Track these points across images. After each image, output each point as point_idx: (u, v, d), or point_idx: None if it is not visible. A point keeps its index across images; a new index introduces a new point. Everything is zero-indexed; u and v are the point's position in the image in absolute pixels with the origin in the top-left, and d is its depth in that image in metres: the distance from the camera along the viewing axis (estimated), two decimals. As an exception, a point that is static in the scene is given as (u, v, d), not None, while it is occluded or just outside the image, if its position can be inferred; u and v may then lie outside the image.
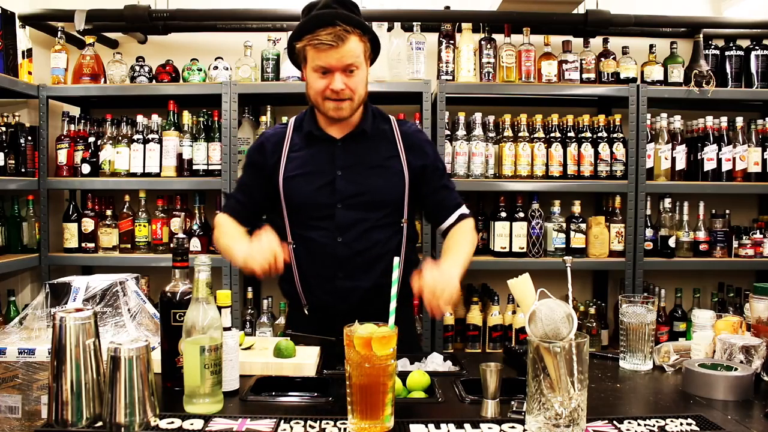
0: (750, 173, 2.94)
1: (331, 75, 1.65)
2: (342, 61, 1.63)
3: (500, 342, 2.86)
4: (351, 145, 1.78)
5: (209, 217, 3.01)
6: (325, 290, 1.78)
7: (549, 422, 1.09)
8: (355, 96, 1.69)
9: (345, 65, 1.64)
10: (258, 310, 2.98)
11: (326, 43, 1.60)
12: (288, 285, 1.85)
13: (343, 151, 1.76)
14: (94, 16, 2.88)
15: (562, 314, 1.13)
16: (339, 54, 1.62)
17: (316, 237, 1.76)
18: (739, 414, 1.25)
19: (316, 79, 1.67)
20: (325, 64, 1.63)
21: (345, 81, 1.65)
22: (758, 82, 2.98)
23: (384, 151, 1.79)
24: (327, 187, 1.74)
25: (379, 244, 1.76)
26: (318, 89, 1.67)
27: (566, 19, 2.93)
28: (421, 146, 1.84)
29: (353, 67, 1.65)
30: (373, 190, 1.75)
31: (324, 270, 1.77)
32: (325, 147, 1.77)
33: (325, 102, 1.69)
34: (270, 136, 1.85)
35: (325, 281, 1.77)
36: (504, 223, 2.87)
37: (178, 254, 1.34)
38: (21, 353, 1.43)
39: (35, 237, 2.89)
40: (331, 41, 1.60)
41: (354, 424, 1.14)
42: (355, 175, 1.74)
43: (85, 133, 3.00)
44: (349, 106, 1.70)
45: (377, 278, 1.75)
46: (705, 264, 2.94)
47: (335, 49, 1.61)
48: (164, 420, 1.16)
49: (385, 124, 1.84)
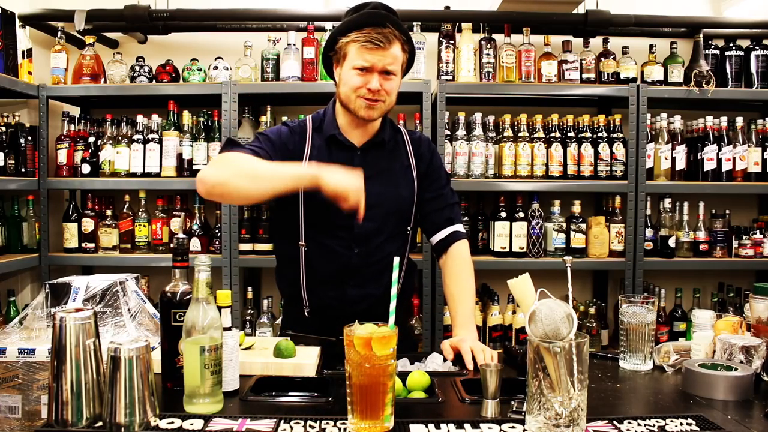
0: (750, 173, 2.94)
1: (370, 75, 1.65)
2: (384, 63, 1.64)
3: (500, 342, 2.86)
4: (370, 155, 1.77)
5: (209, 217, 3.01)
6: (331, 296, 1.77)
7: (549, 422, 1.09)
8: (388, 101, 1.70)
9: (386, 68, 1.65)
10: (258, 310, 2.98)
11: (374, 42, 1.62)
12: (289, 285, 1.84)
13: (362, 160, 1.75)
14: (94, 16, 2.88)
15: (562, 314, 1.13)
16: (383, 55, 1.63)
17: (332, 245, 1.74)
18: (739, 414, 1.25)
19: (353, 76, 1.66)
20: (368, 63, 1.64)
21: (382, 83, 1.66)
22: (758, 82, 2.98)
23: (399, 161, 1.80)
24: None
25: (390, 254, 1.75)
26: (354, 85, 1.67)
27: (566, 19, 2.93)
28: (430, 154, 1.85)
29: (392, 72, 1.67)
30: (389, 201, 1.76)
31: (334, 277, 1.75)
32: (345, 155, 1.74)
33: (358, 100, 1.68)
34: (292, 128, 1.78)
35: (334, 287, 1.76)
36: (504, 223, 2.87)
37: (178, 254, 1.34)
38: (21, 353, 1.43)
39: (35, 237, 2.89)
40: (380, 41, 1.62)
41: (354, 424, 1.14)
42: (373, 186, 1.68)
43: (85, 133, 3.00)
44: (380, 109, 1.70)
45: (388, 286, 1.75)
46: (705, 264, 2.94)
47: (381, 49, 1.62)
48: (164, 420, 1.16)
49: (398, 134, 1.85)
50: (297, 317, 1.84)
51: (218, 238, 2.88)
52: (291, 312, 1.91)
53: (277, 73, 2.89)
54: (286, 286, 1.87)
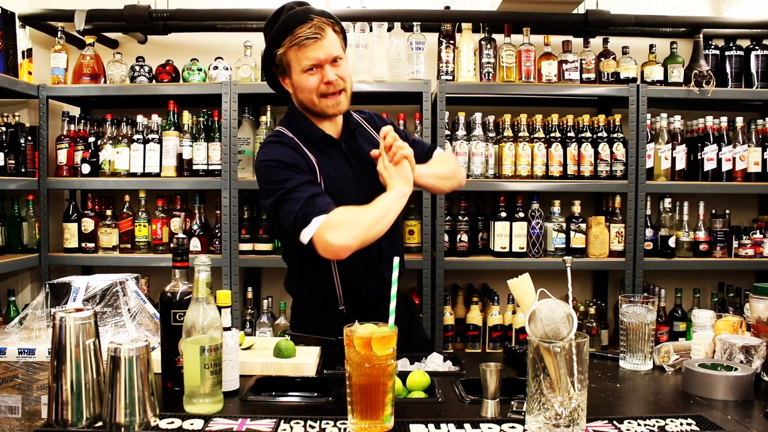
0: (750, 173, 2.94)
1: (321, 69, 1.64)
2: (328, 52, 1.63)
3: (500, 342, 2.86)
4: (351, 144, 1.78)
5: (209, 217, 3.01)
6: (369, 286, 1.75)
7: (549, 422, 1.09)
8: (347, 87, 1.70)
9: (331, 57, 1.64)
10: (258, 310, 2.98)
11: (310, 38, 1.60)
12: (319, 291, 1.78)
13: (349, 151, 1.76)
14: (94, 16, 2.88)
15: (562, 314, 1.13)
16: (323, 46, 1.63)
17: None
18: (739, 414, 1.25)
19: (306, 79, 1.65)
20: (314, 60, 1.62)
21: (336, 72, 1.65)
22: (758, 82, 2.97)
23: (371, 141, 1.80)
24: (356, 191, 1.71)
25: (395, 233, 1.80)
26: (311, 87, 1.66)
27: (566, 19, 2.93)
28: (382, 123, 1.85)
29: (339, 58, 1.66)
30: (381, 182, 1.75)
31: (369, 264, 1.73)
32: (334, 151, 1.75)
33: (321, 100, 1.67)
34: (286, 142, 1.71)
35: (370, 275, 1.74)
36: (504, 223, 2.87)
37: (178, 254, 1.34)
38: (21, 353, 1.43)
39: (35, 237, 2.89)
40: (314, 34, 1.61)
41: (354, 424, 1.14)
42: (368, 174, 1.72)
43: (85, 133, 3.00)
44: (345, 99, 1.70)
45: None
46: (705, 264, 2.94)
47: (318, 41, 1.62)
48: (164, 420, 1.16)
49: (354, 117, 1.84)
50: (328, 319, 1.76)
51: (218, 238, 2.88)
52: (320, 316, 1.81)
53: (277, 73, 2.88)
54: (312, 293, 1.82)
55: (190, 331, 1.22)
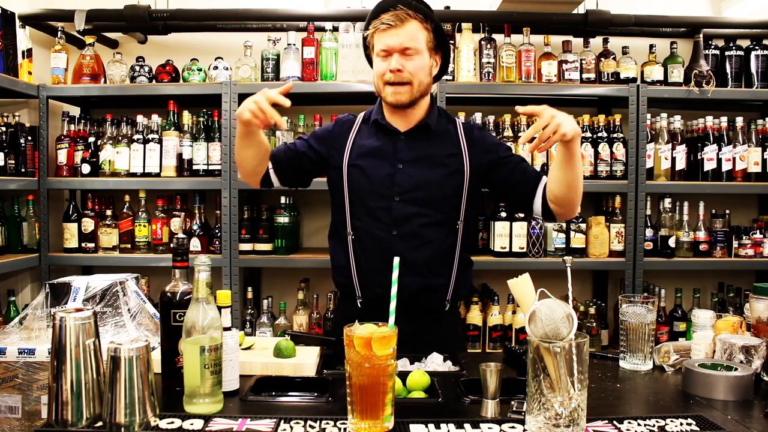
0: (750, 173, 2.94)
1: (390, 57, 1.70)
2: (400, 42, 1.68)
3: (500, 342, 2.86)
4: (414, 140, 1.81)
5: (209, 217, 3.01)
6: (379, 283, 1.77)
7: (549, 422, 1.09)
8: (414, 81, 1.72)
9: (403, 47, 1.68)
10: (258, 310, 2.98)
11: (386, 23, 1.67)
12: (342, 277, 1.86)
13: (405, 145, 1.80)
14: (94, 16, 2.88)
15: (562, 314, 1.13)
16: (398, 35, 1.67)
17: (373, 228, 1.78)
18: (739, 414, 1.25)
19: (378, 63, 1.73)
20: (385, 46, 1.69)
21: (402, 63, 1.69)
22: (758, 82, 2.97)
23: (446, 148, 1.82)
24: (387, 179, 1.77)
25: (434, 243, 1.78)
26: (379, 72, 1.73)
27: (566, 19, 2.93)
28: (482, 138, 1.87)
29: (412, 51, 1.69)
30: (430, 186, 1.77)
31: (380, 263, 1.76)
32: (389, 139, 1.81)
33: (385, 87, 1.73)
34: (341, 120, 1.90)
35: (381, 274, 1.75)
36: (504, 223, 2.87)
37: (178, 254, 1.34)
38: (21, 353, 1.43)
39: (35, 237, 2.89)
40: (391, 21, 1.67)
41: (354, 424, 1.14)
42: (415, 170, 1.77)
43: (85, 133, 3.00)
44: (408, 92, 1.72)
45: (431, 277, 1.77)
46: (705, 264, 2.94)
47: (394, 29, 1.67)
48: (164, 420, 1.16)
49: (450, 124, 1.88)
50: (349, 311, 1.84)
51: (218, 238, 2.88)
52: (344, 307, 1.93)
53: (277, 73, 2.89)
54: (339, 279, 1.90)
55: (190, 331, 1.22)
